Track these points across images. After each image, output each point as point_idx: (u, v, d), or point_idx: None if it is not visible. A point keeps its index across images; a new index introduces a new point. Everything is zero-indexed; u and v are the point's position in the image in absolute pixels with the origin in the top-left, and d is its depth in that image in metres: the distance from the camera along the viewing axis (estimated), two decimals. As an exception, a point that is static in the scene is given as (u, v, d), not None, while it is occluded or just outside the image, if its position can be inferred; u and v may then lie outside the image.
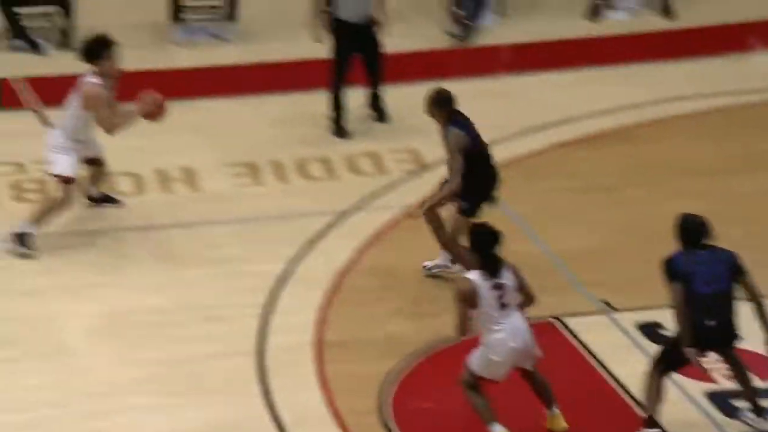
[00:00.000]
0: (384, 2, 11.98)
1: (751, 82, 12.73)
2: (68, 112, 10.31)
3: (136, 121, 10.39)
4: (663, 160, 11.63)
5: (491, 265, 8.35)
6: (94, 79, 10.20)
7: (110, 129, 10.31)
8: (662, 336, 9.17)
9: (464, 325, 8.33)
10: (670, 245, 10.41)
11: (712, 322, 8.39)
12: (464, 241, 9.42)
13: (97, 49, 10.23)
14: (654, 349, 9.01)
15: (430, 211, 9.95)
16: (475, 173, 9.79)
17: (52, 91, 12.14)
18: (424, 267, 10.16)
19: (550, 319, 9.64)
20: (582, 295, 9.80)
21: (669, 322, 9.49)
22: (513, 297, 8.39)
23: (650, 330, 9.56)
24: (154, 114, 10.34)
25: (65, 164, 10.27)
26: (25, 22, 13.34)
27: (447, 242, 9.97)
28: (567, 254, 10.26)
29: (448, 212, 10.04)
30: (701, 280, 8.37)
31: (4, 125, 12.11)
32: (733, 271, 8.47)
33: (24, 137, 11.79)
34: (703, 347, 8.44)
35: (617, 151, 11.83)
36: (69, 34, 13.30)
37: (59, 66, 12.84)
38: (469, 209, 9.85)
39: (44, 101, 12.25)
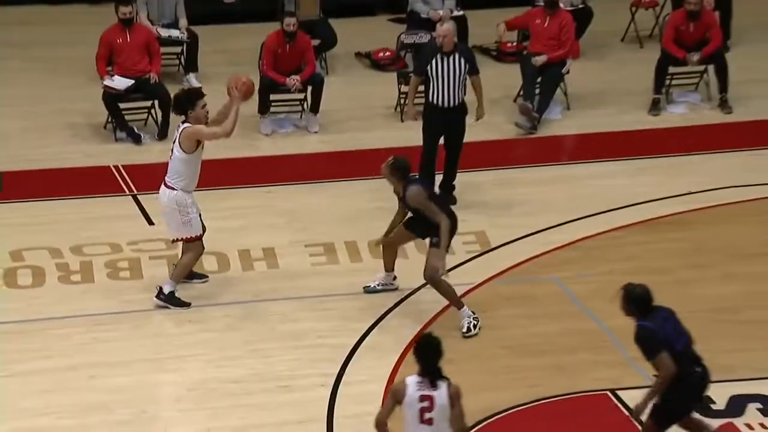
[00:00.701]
0: (480, 90, 12.08)
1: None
2: (173, 161, 10.46)
3: (239, 111, 10.40)
4: (716, 245, 11.46)
5: (429, 377, 7.76)
6: (188, 125, 10.41)
7: (226, 133, 10.41)
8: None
9: (381, 415, 7.80)
10: (720, 324, 10.34)
11: (699, 368, 8.28)
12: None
13: (188, 101, 10.45)
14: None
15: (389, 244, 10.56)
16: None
17: (151, 177, 12.38)
18: (365, 288, 10.77)
19: (606, 392, 9.51)
20: (635, 369, 9.62)
21: (718, 396, 9.39)
22: (439, 417, 7.70)
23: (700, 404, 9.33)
24: (247, 93, 10.49)
25: (187, 228, 10.48)
26: (128, 116, 13.61)
27: (431, 279, 10.28)
28: (621, 331, 10.02)
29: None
30: (676, 334, 8.23)
31: (103, 209, 12.30)
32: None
33: (120, 220, 12.00)
34: (702, 396, 8.30)
35: (673, 236, 11.67)
36: (167, 125, 13.54)
37: (157, 155, 13.07)
38: (439, 242, 10.16)
39: (143, 188, 12.48)
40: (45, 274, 11.19)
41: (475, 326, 10.26)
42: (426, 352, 7.80)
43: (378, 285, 10.78)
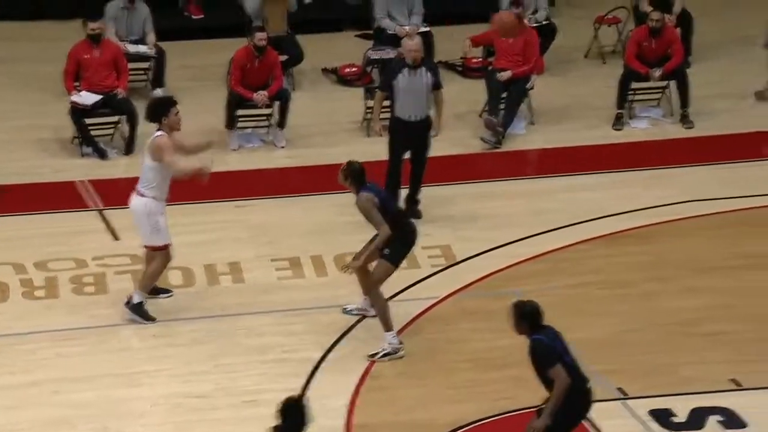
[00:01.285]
0: (441, 105, 11.98)
1: (758, 187, 12.43)
2: (144, 169, 10.37)
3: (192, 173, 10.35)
4: (679, 258, 11.37)
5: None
6: (161, 133, 10.31)
7: (177, 173, 10.33)
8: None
9: None
10: (682, 337, 10.25)
11: (589, 384, 8.28)
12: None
13: (162, 109, 10.38)
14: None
15: (376, 272, 10.11)
16: (394, 227, 9.93)
17: (116, 192, 12.20)
18: (344, 309, 10.48)
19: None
20: (598, 382, 9.46)
21: (679, 408, 9.28)
22: None
23: (662, 416, 9.28)
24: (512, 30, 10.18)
25: (155, 236, 10.34)
26: (94, 131, 13.43)
27: (369, 289, 10.02)
28: (585, 344, 9.89)
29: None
30: (565, 352, 8.25)
31: (68, 224, 12.08)
32: None
33: (85, 235, 11.79)
34: (588, 412, 8.31)
35: (637, 249, 11.57)
36: (133, 140, 13.36)
37: (123, 170, 12.91)
38: (392, 256, 9.96)
39: (109, 203, 12.28)
40: (9, 290, 10.98)
41: (388, 356, 10.00)
42: (288, 417, 7.55)
43: (354, 310, 10.58)
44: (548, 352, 8.19)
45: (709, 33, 15.69)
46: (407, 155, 12.11)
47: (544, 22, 15.12)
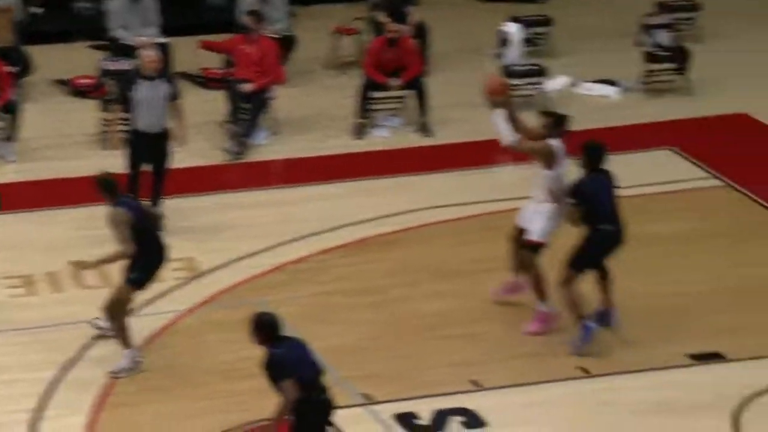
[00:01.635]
0: (182, 116, 11.79)
1: (497, 193, 12.79)
2: None
3: None
4: (423, 264, 11.53)
5: None
6: None
7: None
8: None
9: None
10: (426, 341, 10.41)
11: (327, 395, 8.27)
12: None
13: None
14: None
15: (117, 294, 9.82)
16: (144, 248, 9.70)
17: None
18: (91, 323, 10.16)
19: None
20: (343, 388, 9.50)
21: (423, 411, 9.39)
22: None
23: (405, 419, 9.37)
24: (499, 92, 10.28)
25: None
26: None
27: (112, 312, 9.80)
28: (331, 351, 9.95)
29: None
30: (304, 362, 8.21)
31: None
32: None
33: None
34: (330, 421, 8.30)
35: (382, 256, 11.69)
36: None
37: None
38: (136, 280, 9.74)
39: None
40: None
41: (128, 372, 9.82)
42: None
43: (102, 324, 10.19)
44: (280, 366, 8.09)
45: (445, 44, 16.07)
46: (146, 167, 11.89)
47: (282, 33, 15.15)
